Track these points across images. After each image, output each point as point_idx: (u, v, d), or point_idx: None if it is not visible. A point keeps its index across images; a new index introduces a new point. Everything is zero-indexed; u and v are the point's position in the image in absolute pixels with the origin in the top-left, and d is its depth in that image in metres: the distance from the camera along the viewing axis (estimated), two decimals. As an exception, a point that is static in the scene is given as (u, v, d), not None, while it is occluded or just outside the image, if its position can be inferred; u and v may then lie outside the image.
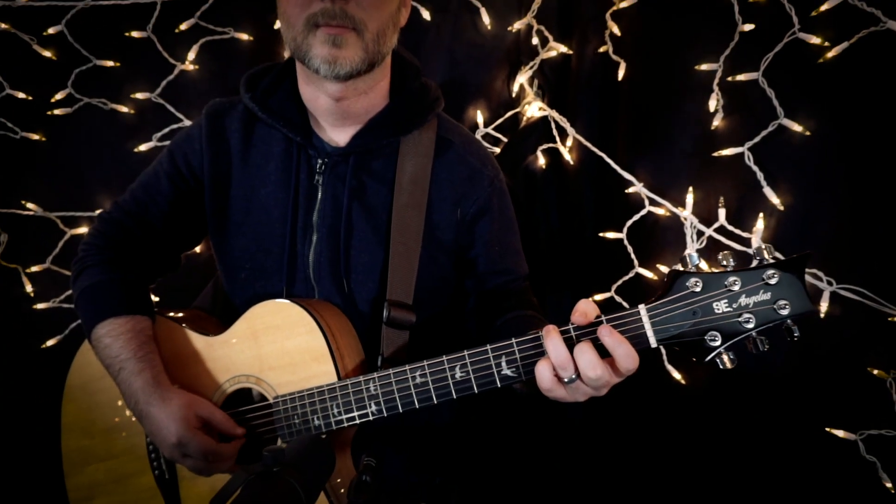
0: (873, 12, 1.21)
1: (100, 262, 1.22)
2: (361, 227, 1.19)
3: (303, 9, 1.03)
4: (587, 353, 0.87)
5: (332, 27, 1.02)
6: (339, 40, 1.03)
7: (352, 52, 1.04)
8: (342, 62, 1.04)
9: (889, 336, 1.28)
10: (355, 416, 1.04)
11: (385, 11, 1.06)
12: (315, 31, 1.03)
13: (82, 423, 1.26)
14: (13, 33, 1.68)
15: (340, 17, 1.01)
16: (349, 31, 1.03)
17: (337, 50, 1.03)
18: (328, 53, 1.03)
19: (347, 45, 1.03)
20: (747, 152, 1.42)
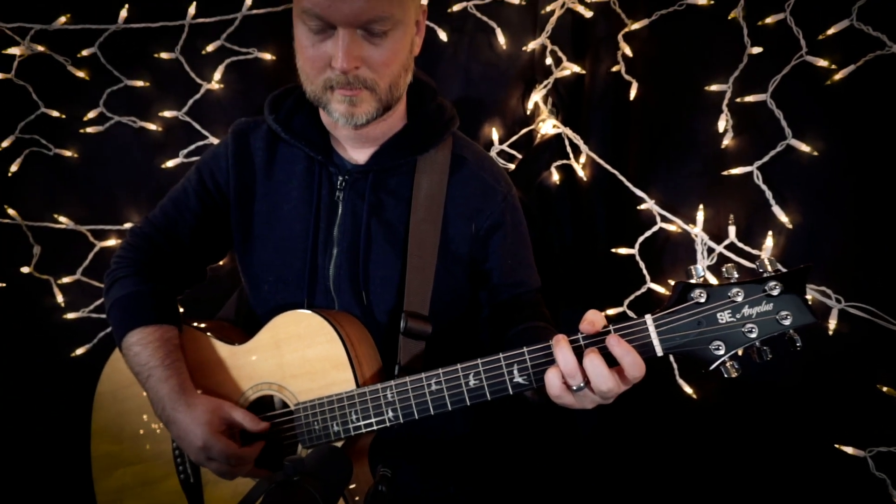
0: (879, 37, 1.23)
1: (131, 275, 1.27)
2: (379, 242, 1.23)
3: (319, 72, 1.08)
4: (595, 362, 0.91)
5: (346, 90, 1.08)
6: (354, 100, 1.09)
7: (367, 106, 1.11)
8: (359, 116, 1.11)
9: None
10: (373, 422, 1.08)
11: (396, 65, 1.11)
12: (332, 92, 1.09)
13: (111, 429, 1.30)
14: (49, 55, 1.73)
15: (353, 82, 1.07)
16: (363, 90, 1.09)
17: (353, 107, 1.10)
18: (345, 110, 1.10)
19: (362, 102, 1.10)
20: (756, 171, 1.45)
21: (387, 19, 1.04)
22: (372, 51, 1.06)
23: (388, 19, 1.04)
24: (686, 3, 1.52)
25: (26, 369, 1.93)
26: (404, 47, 1.11)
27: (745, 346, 0.92)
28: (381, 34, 1.05)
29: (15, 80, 1.74)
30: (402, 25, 1.08)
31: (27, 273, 1.85)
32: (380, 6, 1.02)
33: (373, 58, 1.07)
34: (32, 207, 1.85)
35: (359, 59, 1.05)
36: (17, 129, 1.77)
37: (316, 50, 1.06)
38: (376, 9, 1.02)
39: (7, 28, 1.69)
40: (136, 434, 1.28)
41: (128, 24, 1.72)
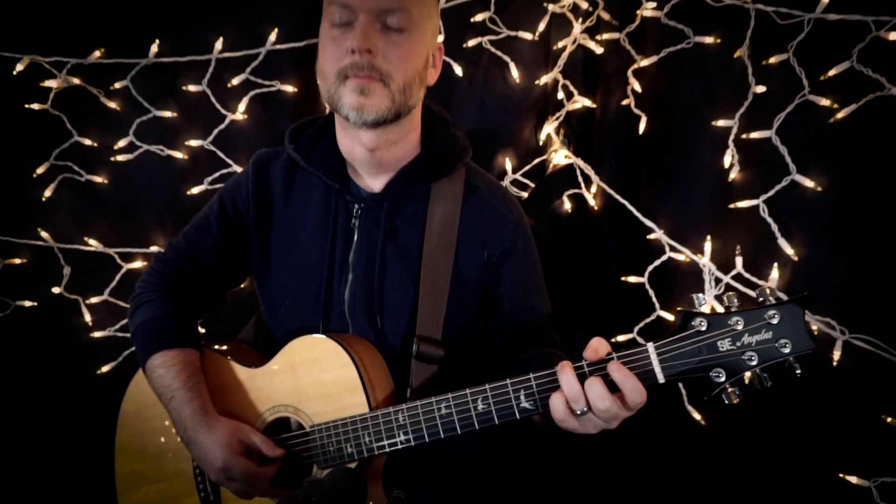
0: (878, 79, 1.27)
1: (155, 299, 1.32)
2: (394, 267, 1.27)
3: (335, 62, 1.14)
4: (597, 387, 0.94)
5: (359, 77, 1.13)
6: (366, 89, 1.13)
7: (378, 99, 1.14)
8: (369, 109, 1.14)
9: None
10: (385, 444, 1.11)
11: (410, 66, 1.17)
12: (345, 81, 1.14)
13: (135, 448, 1.35)
14: (83, 87, 1.81)
15: (368, 68, 1.12)
16: (376, 81, 1.13)
17: (364, 98, 1.13)
18: (356, 101, 1.14)
19: (374, 93, 1.13)
20: (762, 205, 1.48)
21: (404, 12, 1.12)
22: (388, 44, 1.13)
23: (406, 13, 1.12)
24: (693, 41, 1.56)
25: (55, 385, 1.98)
26: (420, 54, 1.17)
27: (746, 374, 0.94)
28: (398, 30, 1.13)
29: (51, 110, 1.81)
30: (418, 31, 1.15)
31: (58, 293, 1.91)
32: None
33: (389, 51, 1.13)
34: (64, 230, 1.92)
35: (375, 45, 1.11)
36: (52, 156, 1.84)
37: (336, 44, 1.13)
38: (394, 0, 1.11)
39: (45, 62, 1.77)
40: (158, 452, 1.32)
41: (158, 58, 1.79)
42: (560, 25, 1.84)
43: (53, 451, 1.99)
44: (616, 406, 0.95)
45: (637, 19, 1.68)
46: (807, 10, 1.35)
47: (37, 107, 1.81)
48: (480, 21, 1.82)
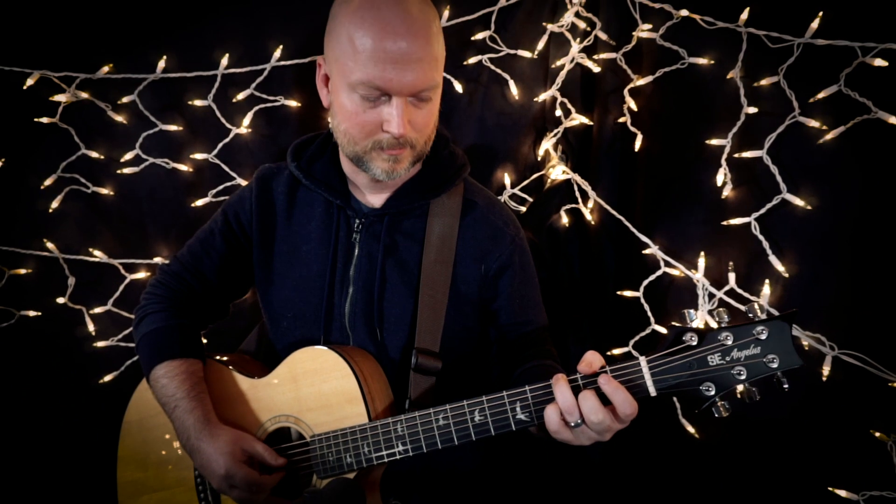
0: (865, 102, 1.30)
1: (159, 310, 1.35)
2: (394, 281, 1.30)
3: (368, 135, 1.17)
4: (590, 400, 0.97)
5: (394, 150, 1.17)
6: (398, 158, 1.19)
7: (406, 162, 1.21)
8: (398, 171, 1.21)
9: (889, 401, 1.33)
10: (384, 454, 1.13)
11: (433, 122, 1.23)
12: (379, 151, 1.18)
13: (137, 457, 1.37)
14: (91, 101, 1.83)
15: (402, 143, 1.17)
16: (406, 148, 1.18)
17: (395, 164, 1.19)
18: (388, 167, 1.19)
19: (403, 159, 1.20)
20: (754, 222, 1.51)
21: (435, 87, 1.15)
22: (417, 114, 1.16)
23: (436, 87, 1.17)
24: (688, 61, 1.60)
25: (58, 394, 2.00)
26: (437, 107, 1.22)
27: (734, 388, 0.97)
28: (427, 99, 1.16)
29: (59, 123, 1.83)
30: (439, 89, 1.20)
31: (62, 303, 1.93)
32: (430, 76, 1.13)
33: (417, 120, 1.17)
34: (69, 241, 1.94)
35: (409, 124, 1.15)
36: (59, 168, 1.87)
37: (368, 115, 1.15)
38: (428, 79, 1.13)
39: (55, 77, 1.80)
40: (160, 462, 1.34)
41: (165, 73, 1.82)
42: (558, 44, 1.88)
43: (56, 458, 2.01)
44: (609, 419, 0.98)
45: (633, 40, 1.72)
46: (797, 34, 1.39)
47: (46, 120, 1.83)
48: (481, 39, 1.86)
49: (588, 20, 1.82)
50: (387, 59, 1.08)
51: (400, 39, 1.08)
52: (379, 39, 1.08)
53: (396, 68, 1.09)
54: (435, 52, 1.13)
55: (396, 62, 1.08)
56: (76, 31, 1.81)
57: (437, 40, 1.14)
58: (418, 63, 1.10)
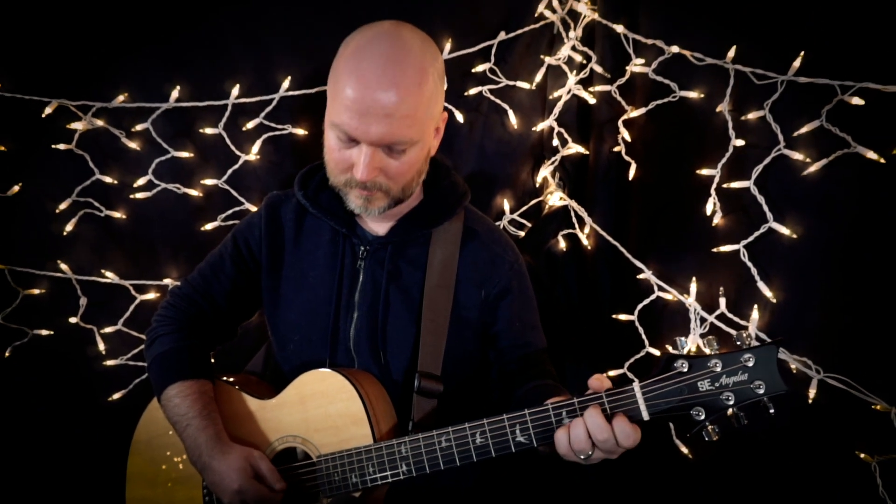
0: (845, 137, 1.37)
1: (170, 332, 1.38)
2: (397, 306, 1.33)
3: (341, 172, 1.22)
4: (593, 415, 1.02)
5: (364, 191, 1.22)
6: (370, 198, 1.23)
7: (381, 202, 1.25)
8: (372, 209, 1.25)
9: (873, 423, 1.38)
10: (388, 475, 1.17)
11: (411, 173, 1.24)
12: (352, 188, 1.23)
13: (146, 474, 1.38)
14: (106, 129, 1.89)
15: (371, 187, 1.21)
16: (378, 191, 1.23)
17: (368, 203, 1.24)
18: (362, 204, 1.24)
19: (377, 199, 1.24)
20: (743, 249, 1.56)
21: (406, 142, 1.17)
22: (390, 163, 1.19)
23: (409, 141, 1.17)
24: (679, 95, 1.67)
25: (69, 410, 2.04)
26: (420, 159, 1.25)
27: (723, 413, 1.01)
28: (400, 151, 1.18)
29: (75, 150, 1.89)
30: (420, 142, 1.21)
31: (74, 323, 1.98)
32: (400, 132, 1.15)
33: (390, 168, 1.20)
34: (82, 263, 1.99)
35: (377, 171, 1.18)
36: (74, 192, 1.93)
37: (341, 154, 1.19)
38: (396, 135, 1.15)
39: (72, 105, 1.86)
40: (168, 480, 1.36)
41: (178, 103, 1.89)
42: (556, 76, 1.96)
43: (66, 474, 2.05)
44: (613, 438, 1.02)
45: (627, 74, 1.78)
46: (780, 72, 1.46)
47: (62, 147, 1.89)
48: (481, 71, 1.93)
49: (584, 54, 1.89)
50: (357, 109, 1.12)
51: (374, 92, 1.11)
52: (354, 89, 1.11)
53: (364, 119, 1.12)
54: (412, 110, 1.14)
55: (364, 114, 1.12)
56: (93, 62, 1.88)
57: (419, 97, 1.15)
58: (386, 119, 1.12)
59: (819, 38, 1.40)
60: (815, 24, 1.41)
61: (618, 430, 1.01)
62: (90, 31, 1.87)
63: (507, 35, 1.90)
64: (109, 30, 1.87)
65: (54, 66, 1.88)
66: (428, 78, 1.17)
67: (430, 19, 1.86)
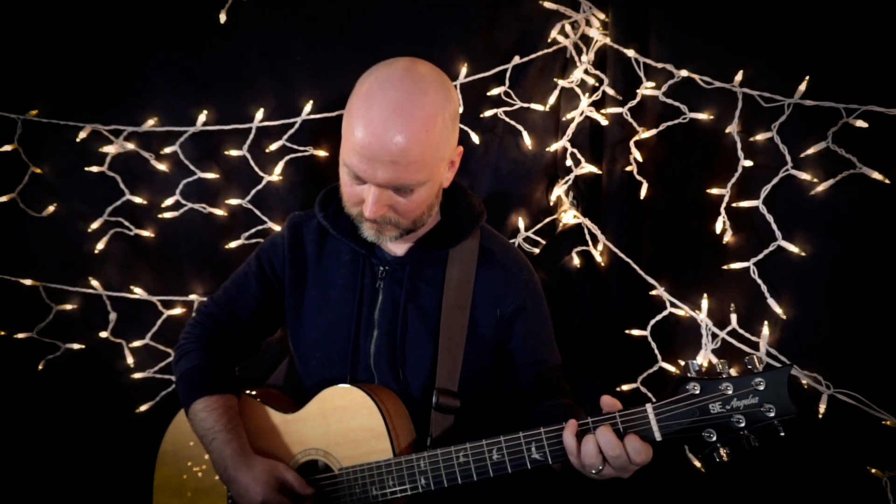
0: (850, 158, 1.40)
1: (197, 349, 1.43)
2: (415, 325, 1.36)
3: (354, 205, 1.26)
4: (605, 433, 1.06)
5: (374, 224, 1.26)
6: (380, 230, 1.27)
7: (392, 233, 1.29)
8: (384, 239, 1.30)
9: (883, 438, 1.40)
10: (407, 488, 1.20)
11: (420, 209, 1.27)
12: (363, 220, 1.27)
13: (173, 485, 1.42)
14: (137, 151, 1.97)
15: (381, 221, 1.25)
16: (388, 225, 1.26)
17: (379, 234, 1.28)
18: (373, 234, 1.29)
19: (388, 231, 1.28)
20: (752, 267, 1.59)
21: (412, 185, 1.20)
22: (399, 201, 1.22)
23: (414, 184, 1.20)
24: (689, 117, 1.71)
25: (99, 421, 2.11)
26: (430, 196, 1.27)
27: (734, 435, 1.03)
28: (408, 191, 1.22)
29: (107, 172, 1.97)
30: (429, 182, 1.23)
31: (104, 337, 2.04)
32: (406, 176, 1.18)
33: (399, 206, 1.23)
34: (112, 279, 2.05)
35: (386, 207, 1.22)
36: (105, 212, 2.00)
37: (352, 189, 1.24)
38: (403, 179, 1.18)
39: (105, 130, 1.95)
40: (194, 490, 1.40)
41: (205, 126, 1.96)
42: (569, 99, 2.01)
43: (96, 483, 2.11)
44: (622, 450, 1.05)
45: (638, 96, 1.83)
46: (787, 95, 1.49)
47: (95, 169, 1.97)
48: (496, 94, 1.98)
49: (596, 77, 1.94)
50: (364, 153, 1.15)
51: (381, 139, 1.13)
52: (363, 133, 1.14)
53: (371, 164, 1.15)
54: (419, 156, 1.16)
55: (372, 159, 1.15)
56: (125, 89, 1.96)
57: (426, 143, 1.17)
58: (393, 164, 1.15)
59: (824, 63, 1.44)
60: (820, 48, 1.45)
61: (630, 447, 1.05)
62: (122, 59, 1.95)
63: (521, 59, 1.96)
64: (141, 58, 1.95)
65: (88, 93, 1.96)
66: (437, 122, 1.18)
67: (447, 45, 1.92)
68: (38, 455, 2.12)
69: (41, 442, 2.12)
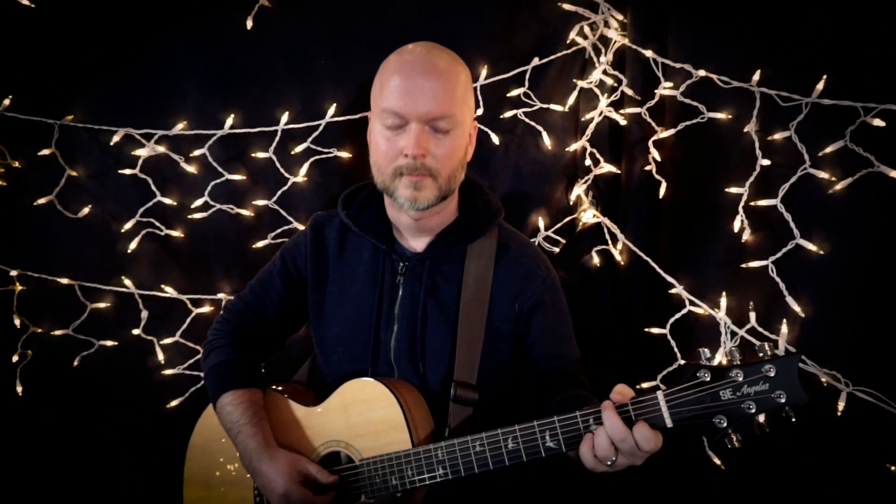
0: (868, 157, 1.40)
1: (225, 345, 1.48)
2: (434, 319, 1.39)
3: (391, 161, 1.30)
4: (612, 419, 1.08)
5: (413, 176, 1.29)
6: (419, 185, 1.29)
7: (429, 192, 1.30)
8: (421, 200, 1.30)
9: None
10: (426, 477, 1.23)
11: (455, 159, 1.32)
12: (400, 178, 1.29)
13: (202, 478, 1.47)
14: (167, 154, 2.03)
15: (420, 169, 1.28)
16: (427, 177, 1.29)
17: (417, 192, 1.29)
18: (410, 194, 1.30)
19: (425, 187, 1.29)
20: (771, 265, 1.59)
21: (450, 118, 1.27)
22: (436, 145, 1.28)
23: (451, 118, 1.27)
24: (707, 116, 1.72)
25: (131, 417, 2.17)
26: (461, 146, 1.33)
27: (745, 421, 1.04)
28: (444, 131, 1.28)
29: (139, 174, 2.04)
30: (460, 127, 1.31)
31: (136, 334, 2.11)
32: (445, 106, 1.26)
33: (437, 150, 1.28)
34: (144, 279, 2.12)
35: (426, 149, 1.26)
36: (138, 213, 2.07)
37: (390, 144, 1.28)
38: (443, 108, 1.25)
39: (137, 133, 2.02)
40: (222, 482, 1.44)
41: (232, 129, 2.01)
42: (588, 99, 2.03)
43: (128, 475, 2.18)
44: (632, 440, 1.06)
45: (656, 96, 1.84)
46: (805, 94, 1.50)
47: (128, 172, 2.04)
48: (516, 95, 2.00)
49: (615, 77, 1.96)
50: (405, 89, 1.24)
51: (418, 76, 1.25)
52: (401, 76, 1.25)
53: (412, 96, 1.24)
54: (453, 90, 1.27)
55: (412, 92, 1.24)
56: (156, 95, 2.04)
57: (457, 84, 1.29)
58: (432, 93, 1.24)
59: (841, 62, 1.44)
60: (838, 48, 1.45)
61: (638, 434, 1.06)
62: (153, 66, 2.03)
63: (540, 61, 1.98)
64: (171, 64, 2.02)
65: (121, 98, 2.04)
66: (461, 71, 1.31)
67: (467, 48, 1.92)
68: (73, 448, 2.19)
69: (76, 435, 2.19)
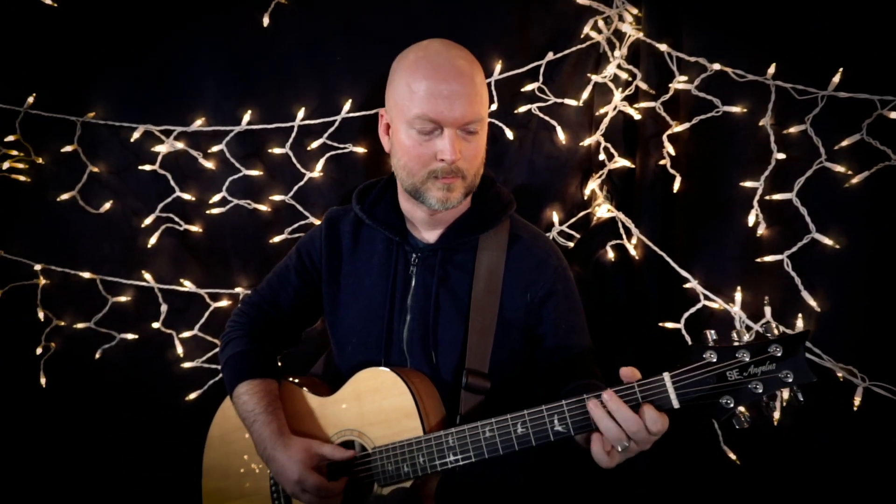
0: (885, 150, 1.39)
1: (242, 336, 1.51)
2: (446, 309, 1.41)
3: (424, 165, 1.31)
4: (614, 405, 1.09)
5: (447, 178, 1.31)
6: (451, 186, 1.32)
7: (458, 192, 1.34)
8: (452, 200, 1.34)
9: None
10: (437, 464, 1.24)
11: (480, 157, 1.37)
12: (434, 181, 1.32)
13: (220, 468, 1.50)
14: (186, 150, 2.07)
15: (454, 171, 1.31)
16: (458, 178, 1.32)
17: (449, 193, 1.32)
18: (442, 196, 1.33)
19: (456, 188, 1.33)
20: (786, 260, 1.58)
21: (480, 120, 1.31)
22: (466, 146, 1.30)
23: (481, 120, 1.31)
24: (722, 110, 1.71)
25: (152, 409, 2.21)
26: (484, 144, 1.37)
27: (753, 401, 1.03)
28: (474, 133, 1.31)
29: (158, 170, 2.07)
30: (484, 126, 1.35)
31: (156, 328, 2.15)
32: (475, 110, 1.29)
33: (467, 151, 1.31)
34: (163, 273, 2.16)
35: (461, 154, 1.29)
36: (157, 209, 2.10)
37: (423, 148, 1.30)
38: (475, 111, 1.29)
39: (156, 130, 2.06)
40: (239, 472, 1.47)
41: (249, 125, 2.04)
42: (602, 94, 2.03)
43: (148, 466, 2.22)
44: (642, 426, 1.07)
45: (671, 90, 1.84)
46: (820, 87, 1.48)
47: (148, 167, 2.08)
48: (530, 90, 2.01)
49: (629, 72, 1.95)
50: (439, 95, 1.25)
51: (449, 81, 1.26)
52: (432, 81, 1.26)
53: (447, 103, 1.25)
54: (479, 92, 1.30)
55: (446, 98, 1.25)
56: (175, 91, 2.07)
57: (480, 84, 1.31)
58: (465, 98, 1.26)
59: (858, 55, 1.43)
60: (854, 40, 1.44)
61: (647, 416, 1.07)
62: (172, 63, 2.06)
63: (554, 55, 1.99)
64: (189, 62, 2.06)
65: (141, 95, 2.07)
66: (478, 68, 1.33)
67: (482, 43, 1.96)
68: (94, 438, 2.24)
69: (97, 426, 2.23)
